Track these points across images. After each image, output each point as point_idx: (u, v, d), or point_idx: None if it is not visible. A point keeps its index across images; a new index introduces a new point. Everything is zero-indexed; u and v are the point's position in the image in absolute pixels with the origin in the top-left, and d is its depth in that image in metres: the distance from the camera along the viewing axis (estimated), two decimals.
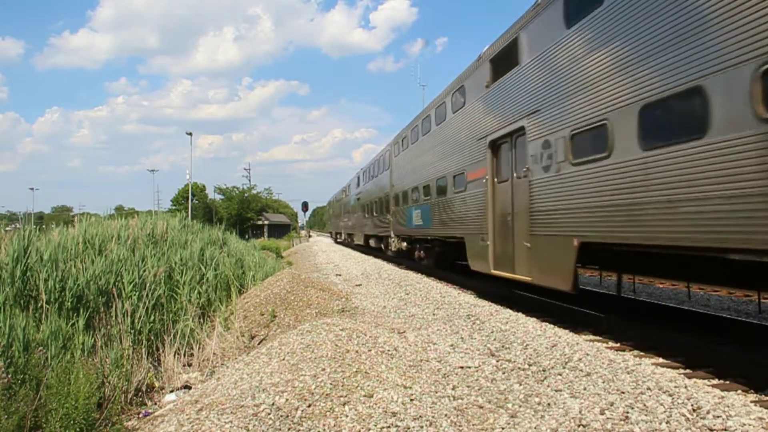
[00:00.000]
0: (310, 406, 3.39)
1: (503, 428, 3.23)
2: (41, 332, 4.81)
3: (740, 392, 4.03)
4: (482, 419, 3.37)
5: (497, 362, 4.65)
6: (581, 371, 4.17)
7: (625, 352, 5.27)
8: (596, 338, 5.87)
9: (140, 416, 4.30)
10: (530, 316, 6.82)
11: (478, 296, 8.94)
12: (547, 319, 6.77)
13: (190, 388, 5.02)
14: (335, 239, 39.22)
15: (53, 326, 4.87)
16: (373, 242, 21.29)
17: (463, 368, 4.50)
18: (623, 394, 3.61)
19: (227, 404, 3.42)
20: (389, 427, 3.19)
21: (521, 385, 4.02)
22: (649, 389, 3.64)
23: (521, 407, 3.56)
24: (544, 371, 4.29)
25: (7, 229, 13.38)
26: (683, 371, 4.62)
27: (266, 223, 60.18)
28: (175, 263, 8.22)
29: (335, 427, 3.19)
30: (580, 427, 3.15)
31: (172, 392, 4.97)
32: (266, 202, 62.34)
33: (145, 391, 5.01)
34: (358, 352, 4.49)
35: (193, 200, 49.46)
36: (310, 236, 49.94)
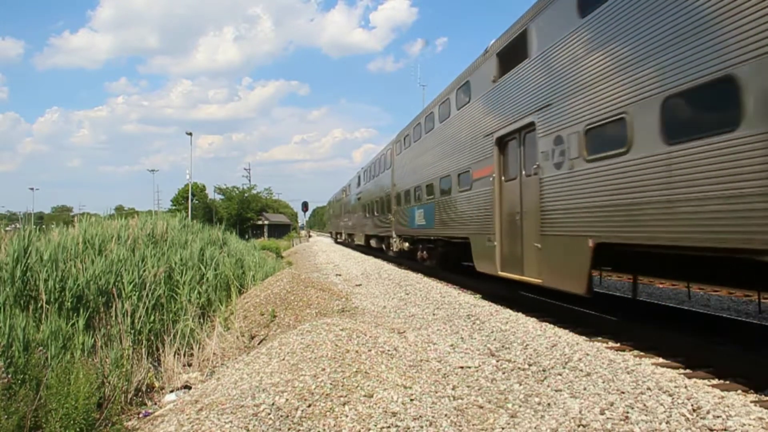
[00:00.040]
0: (310, 406, 3.39)
1: (503, 428, 3.23)
2: (41, 332, 4.82)
3: (740, 392, 4.03)
4: (482, 419, 3.37)
5: (497, 362, 4.65)
6: (581, 371, 4.17)
7: (625, 352, 5.27)
8: (596, 338, 5.87)
9: (140, 416, 4.30)
10: (530, 316, 6.82)
11: (478, 296, 8.94)
12: (547, 319, 6.77)
13: (190, 388, 5.02)
14: (335, 239, 39.18)
15: (53, 326, 4.88)
16: (374, 242, 21.08)
17: (463, 368, 4.50)
18: (623, 394, 3.61)
19: (227, 404, 3.42)
20: (389, 427, 3.19)
21: (521, 385, 4.02)
22: (649, 389, 3.64)
23: (521, 407, 3.56)
24: (544, 371, 4.29)
25: (7, 229, 13.37)
26: (683, 371, 4.62)
27: (266, 223, 60.22)
28: (175, 263, 8.22)
29: (335, 427, 3.19)
30: (580, 427, 3.15)
31: (172, 392, 4.98)
32: (266, 202, 62.38)
33: (145, 391, 5.01)
34: (358, 352, 4.49)
35: (193, 200, 49.48)
36: (310, 236, 49.94)
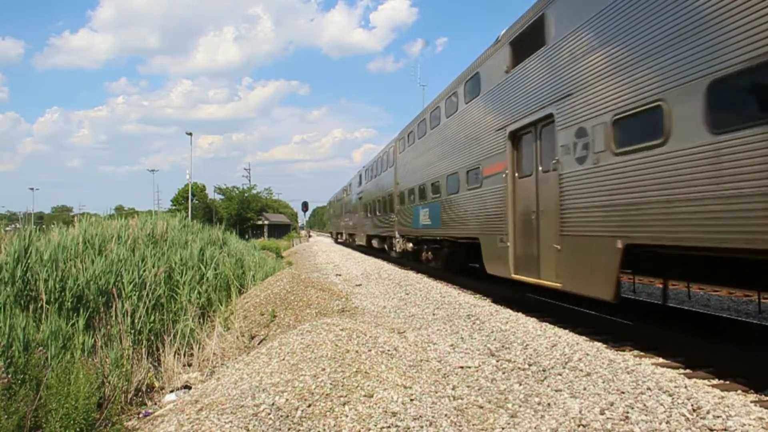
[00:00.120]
0: (310, 406, 3.39)
1: (503, 428, 3.23)
2: (41, 332, 4.82)
3: (740, 392, 4.03)
4: (482, 419, 3.37)
5: (497, 362, 4.65)
6: (581, 371, 4.17)
7: (625, 352, 5.27)
8: (596, 338, 5.87)
9: (140, 416, 4.30)
10: (530, 316, 6.82)
11: (478, 296, 8.94)
12: (547, 319, 6.77)
13: (190, 388, 5.02)
14: (336, 239, 39.16)
15: (53, 326, 4.88)
16: (375, 243, 20.71)
17: (463, 368, 4.50)
18: (623, 394, 3.61)
19: (227, 404, 3.42)
20: (389, 427, 3.19)
21: (521, 385, 4.02)
22: (649, 389, 3.64)
23: (521, 407, 3.56)
24: (544, 371, 4.29)
25: (7, 229, 13.37)
26: (683, 371, 4.62)
27: (266, 223, 60.23)
28: (175, 263, 8.22)
29: (335, 427, 3.19)
30: (580, 427, 3.15)
31: (172, 392, 4.98)
32: (266, 202, 62.42)
33: (145, 391, 5.01)
34: (358, 352, 4.49)
35: (193, 200, 49.50)
36: (310, 236, 49.95)
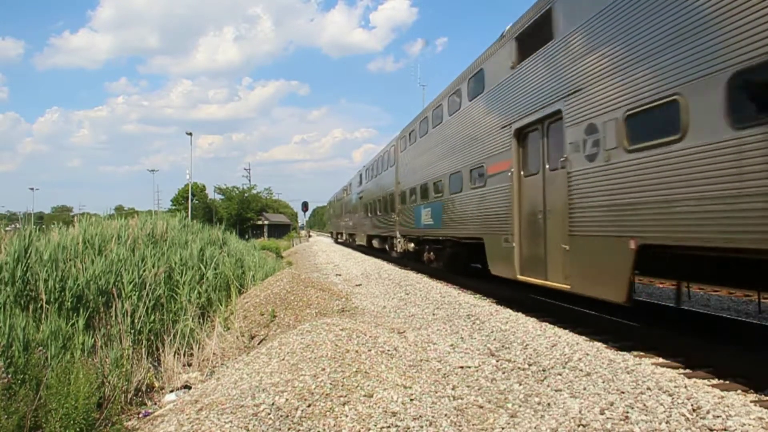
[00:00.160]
0: (310, 406, 3.39)
1: (503, 428, 3.23)
2: (41, 332, 4.82)
3: (740, 392, 4.03)
4: (482, 419, 3.37)
5: (497, 362, 4.65)
6: (581, 371, 4.17)
7: (625, 352, 5.27)
8: (596, 338, 5.87)
9: (140, 416, 4.30)
10: (530, 315, 6.82)
11: (478, 296, 8.94)
12: (547, 318, 6.77)
13: (190, 388, 5.02)
14: (336, 239, 39.15)
15: (53, 326, 4.88)
16: (376, 243, 20.53)
17: (463, 368, 4.50)
18: (623, 394, 3.61)
19: (227, 404, 3.42)
20: (389, 427, 3.19)
21: (521, 384, 4.02)
22: (649, 389, 3.64)
23: (521, 407, 3.56)
24: (544, 371, 4.29)
25: (7, 229, 13.37)
26: (683, 371, 4.62)
27: (266, 223, 60.26)
28: (175, 263, 8.22)
29: (335, 427, 3.19)
30: (580, 427, 3.15)
31: (172, 392, 4.98)
32: (266, 202, 62.44)
33: (145, 391, 5.01)
34: (358, 352, 4.49)
35: (193, 200, 49.52)
36: (310, 236, 49.96)
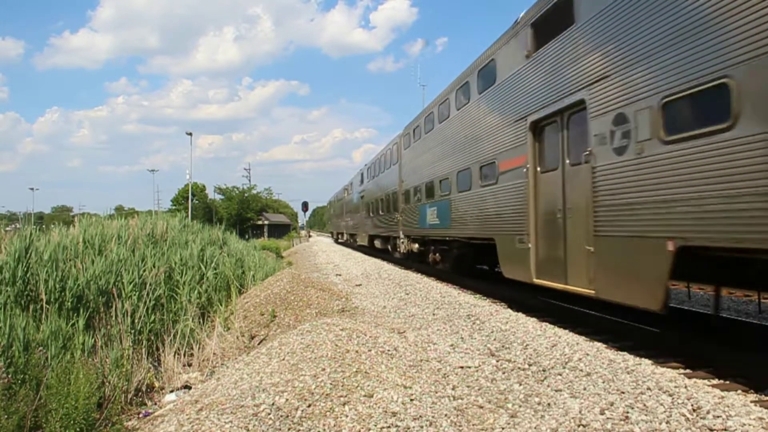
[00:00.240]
0: (310, 406, 3.39)
1: (503, 428, 3.23)
2: (41, 332, 4.82)
3: (740, 392, 4.03)
4: (482, 419, 3.37)
5: (497, 362, 4.65)
6: (581, 371, 4.17)
7: (625, 352, 5.27)
8: (596, 338, 5.87)
9: (140, 416, 4.31)
10: (530, 316, 6.82)
11: (478, 296, 8.94)
12: (547, 319, 6.76)
13: (190, 388, 5.02)
14: (336, 239, 39.14)
15: (53, 326, 4.88)
16: (378, 243, 20.15)
17: (463, 368, 4.50)
18: (623, 394, 3.61)
19: (227, 404, 3.42)
20: (389, 427, 3.20)
21: (521, 385, 4.02)
22: (649, 389, 3.64)
23: (521, 407, 3.56)
24: (544, 371, 4.29)
25: (7, 229, 13.37)
26: (683, 371, 4.62)
27: (266, 223, 60.26)
28: (175, 263, 8.22)
29: (335, 427, 3.19)
30: (580, 427, 3.15)
31: (172, 392, 4.98)
32: (266, 202, 62.44)
33: (145, 391, 5.02)
34: (358, 352, 4.49)
35: (193, 200, 49.51)
36: (310, 236, 49.98)
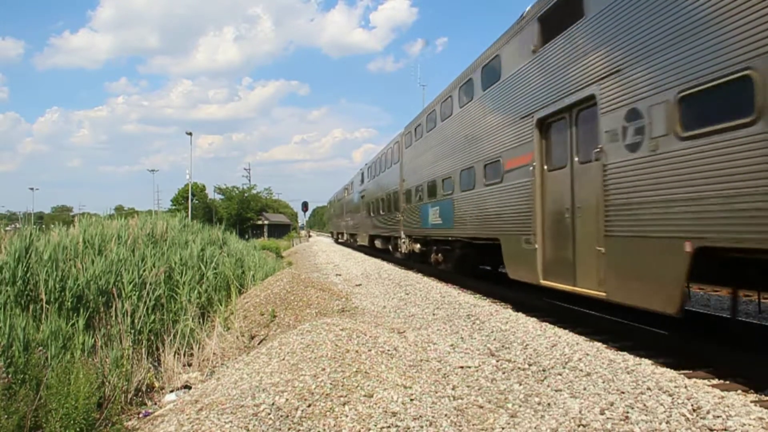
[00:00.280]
0: (310, 406, 3.39)
1: (503, 428, 3.23)
2: (41, 332, 4.82)
3: (740, 392, 4.03)
4: (482, 419, 3.37)
5: (497, 362, 4.65)
6: (581, 371, 4.17)
7: (625, 352, 5.27)
8: (596, 338, 5.87)
9: (140, 416, 4.31)
10: (530, 316, 6.82)
11: (478, 296, 8.94)
12: (547, 319, 6.77)
13: (190, 388, 5.02)
14: (336, 239, 39.14)
15: (53, 326, 4.88)
16: (379, 243, 19.94)
17: (463, 368, 4.50)
18: (623, 394, 3.61)
19: (227, 404, 3.42)
20: (389, 427, 3.19)
21: (521, 385, 4.02)
22: (649, 389, 3.64)
23: (521, 407, 3.56)
24: (544, 371, 4.29)
25: (6, 229, 13.37)
26: (683, 371, 4.62)
27: (266, 223, 60.29)
28: (175, 263, 8.22)
29: (335, 427, 3.19)
30: (580, 427, 3.15)
31: (172, 392, 4.98)
32: (266, 202, 62.47)
33: (145, 391, 5.02)
34: (358, 351, 4.49)
35: (193, 200, 49.53)
36: (309, 236, 49.99)
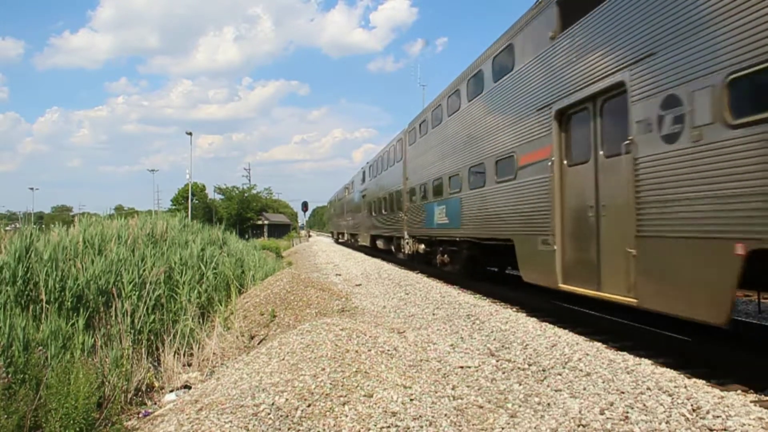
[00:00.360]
0: (309, 405, 3.39)
1: (503, 428, 3.23)
2: (41, 332, 4.82)
3: (740, 392, 4.02)
4: (482, 419, 3.37)
5: (497, 362, 4.65)
6: (581, 371, 4.17)
7: (625, 352, 5.27)
8: (596, 338, 5.86)
9: (140, 416, 4.31)
10: (530, 316, 6.82)
11: (477, 296, 8.94)
12: (547, 319, 6.76)
13: (190, 387, 5.02)
14: (336, 239, 39.12)
15: (53, 326, 4.88)
16: (380, 243, 19.57)
17: (462, 368, 4.50)
18: (623, 394, 3.61)
19: (227, 404, 3.42)
20: (389, 427, 3.20)
21: (521, 384, 4.02)
22: (648, 389, 3.64)
23: (521, 407, 3.56)
24: (543, 371, 4.29)
25: (6, 228, 13.38)
26: (683, 371, 4.62)
27: (266, 223, 60.31)
28: (174, 263, 8.22)
29: (335, 426, 3.19)
30: (579, 427, 3.15)
31: (172, 392, 4.98)
32: (266, 202, 62.48)
33: (145, 390, 5.02)
34: (357, 351, 4.49)
35: (193, 200, 49.53)
36: (309, 236, 49.99)
